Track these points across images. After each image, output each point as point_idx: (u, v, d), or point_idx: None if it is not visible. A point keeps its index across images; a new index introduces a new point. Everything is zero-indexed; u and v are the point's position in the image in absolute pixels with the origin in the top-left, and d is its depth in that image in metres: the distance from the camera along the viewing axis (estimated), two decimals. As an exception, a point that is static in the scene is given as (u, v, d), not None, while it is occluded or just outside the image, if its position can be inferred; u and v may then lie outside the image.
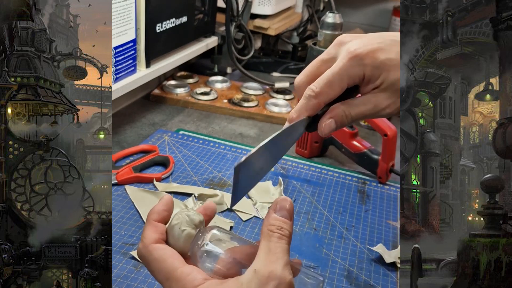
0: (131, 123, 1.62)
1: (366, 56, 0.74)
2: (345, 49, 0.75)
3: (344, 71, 0.74)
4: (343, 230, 1.21)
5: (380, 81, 0.75)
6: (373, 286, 1.05)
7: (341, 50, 0.76)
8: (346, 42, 0.76)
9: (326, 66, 0.77)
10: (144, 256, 0.65)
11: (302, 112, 0.75)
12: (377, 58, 0.74)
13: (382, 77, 0.75)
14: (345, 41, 0.77)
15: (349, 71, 0.74)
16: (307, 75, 0.79)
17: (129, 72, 1.55)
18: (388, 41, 0.75)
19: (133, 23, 1.52)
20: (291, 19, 2.30)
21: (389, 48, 0.75)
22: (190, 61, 1.92)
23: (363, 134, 1.63)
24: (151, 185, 1.29)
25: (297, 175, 1.43)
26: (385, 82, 0.75)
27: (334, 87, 0.74)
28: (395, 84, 0.76)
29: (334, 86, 0.74)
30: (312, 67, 0.79)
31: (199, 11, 1.83)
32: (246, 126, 1.71)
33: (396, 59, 0.75)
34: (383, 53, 0.74)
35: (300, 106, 0.76)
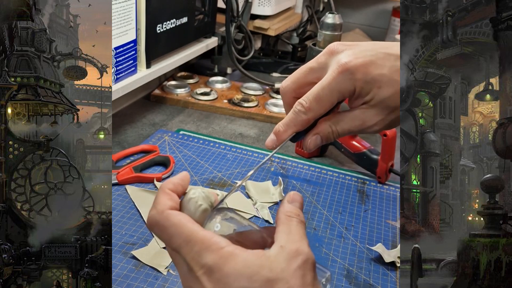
0: (131, 123, 1.62)
1: (357, 70, 0.72)
2: (336, 61, 0.73)
3: (335, 85, 0.72)
4: (342, 230, 1.22)
5: (370, 97, 0.73)
6: (373, 285, 1.05)
7: (332, 61, 0.74)
8: (338, 53, 0.74)
9: (314, 75, 0.75)
10: (159, 222, 0.62)
11: (290, 127, 0.74)
12: (368, 73, 0.72)
13: (372, 93, 0.73)
14: (337, 51, 0.74)
15: (339, 86, 0.72)
16: (293, 81, 0.77)
17: (129, 72, 1.56)
18: (381, 54, 0.73)
19: (133, 24, 1.52)
20: (291, 19, 2.31)
21: (381, 62, 0.72)
22: (190, 62, 1.93)
23: (363, 134, 1.63)
24: (152, 185, 1.29)
25: (297, 175, 1.44)
26: (375, 99, 0.73)
27: (323, 103, 0.73)
28: (385, 101, 0.73)
29: (324, 101, 0.73)
30: (300, 74, 0.77)
31: (199, 12, 1.84)
32: (246, 126, 1.71)
33: (388, 75, 0.72)
34: (375, 67, 0.72)
35: (288, 120, 0.74)
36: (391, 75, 0.72)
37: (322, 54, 0.76)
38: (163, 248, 1.06)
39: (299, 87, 0.76)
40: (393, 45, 0.75)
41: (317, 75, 0.74)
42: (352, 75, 0.72)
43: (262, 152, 1.53)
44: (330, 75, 0.72)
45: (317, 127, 0.75)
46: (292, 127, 0.74)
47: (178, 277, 0.99)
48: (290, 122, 0.74)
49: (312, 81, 0.75)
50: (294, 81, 0.77)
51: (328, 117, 0.75)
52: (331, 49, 0.75)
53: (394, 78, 0.73)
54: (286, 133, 0.74)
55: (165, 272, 1.00)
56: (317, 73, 0.75)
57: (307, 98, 0.73)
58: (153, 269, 1.01)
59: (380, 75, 0.72)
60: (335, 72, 0.72)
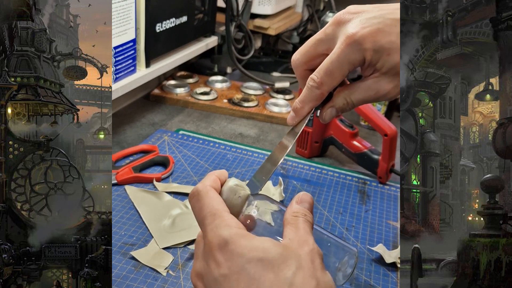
0: (131, 123, 1.62)
1: (365, 39, 0.72)
2: (344, 32, 0.73)
3: (344, 58, 0.73)
4: (343, 230, 1.21)
5: (380, 64, 0.74)
6: (373, 286, 1.05)
7: (339, 31, 0.74)
8: (345, 23, 0.74)
9: (323, 47, 0.76)
10: (200, 192, 0.66)
11: (306, 103, 0.75)
12: (377, 42, 0.72)
13: (383, 61, 0.73)
14: (343, 20, 0.74)
15: (348, 57, 0.73)
16: (303, 54, 0.78)
17: (129, 72, 1.55)
18: (388, 20, 0.73)
19: (133, 23, 1.52)
20: (291, 18, 2.30)
21: (389, 29, 0.73)
22: (190, 61, 1.92)
23: (363, 134, 1.63)
24: (151, 185, 1.29)
25: (297, 175, 1.43)
26: (386, 66, 0.74)
27: (335, 76, 0.74)
28: (396, 67, 0.74)
29: (335, 74, 0.73)
30: (309, 46, 0.77)
31: (199, 11, 1.83)
32: (246, 126, 1.71)
33: (396, 42, 0.73)
34: (384, 35, 0.72)
35: (304, 96, 0.76)
36: (398, 41, 0.73)
37: (329, 24, 0.76)
38: (163, 248, 1.06)
39: (310, 60, 0.77)
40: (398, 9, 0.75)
41: (327, 46, 0.75)
42: (360, 46, 0.72)
43: (262, 152, 1.52)
44: (338, 48, 0.73)
45: (332, 100, 0.77)
46: (307, 102, 0.75)
47: (177, 277, 0.99)
48: (305, 98, 0.75)
49: (322, 53, 0.76)
50: (304, 54, 0.78)
51: (343, 88, 0.76)
52: (338, 19, 0.75)
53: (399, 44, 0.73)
54: (303, 109, 0.76)
55: (164, 273, 1.00)
56: (326, 44, 0.75)
57: (318, 73, 0.74)
58: (153, 269, 1.01)
59: (388, 43, 0.72)
60: (343, 44, 0.72)
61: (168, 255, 1.04)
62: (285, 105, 1.80)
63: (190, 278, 0.67)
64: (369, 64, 0.74)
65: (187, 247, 1.07)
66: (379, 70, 0.74)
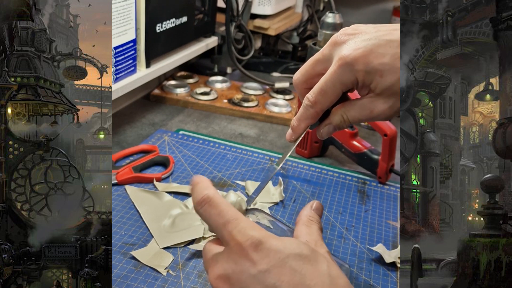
0: (131, 123, 1.62)
1: (357, 61, 0.73)
2: (338, 53, 0.75)
3: (336, 79, 0.75)
4: (343, 230, 1.21)
5: (374, 85, 0.75)
6: (373, 286, 1.05)
7: (335, 52, 0.76)
8: (340, 44, 0.76)
9: (321, 67, 0.78)
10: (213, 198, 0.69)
11: (302, 121, 0.79)
12: (369, 63, 0.73)
13: (376, 82, 0.74)
14: (339, 42, 0.76)
15: (341, 78, 0.75)
16: (302, 74, 0.81)
17: (129, 72, 1.55)
18: (383, 41, 0.73)
19: (133, 23, 1.52)
20: (291, 19, 2.30)
21: (383, 50, 0.73)
22: (190, 61, 1.92)
23: (363, 134, 1.63)
24: (151, 185, 1.29)
25: (297, 175, 1.43)
26: (379, 87, 0.74)
27: (328, 95, 0.76)
28: (391, 89, 0.74)
29: (328, 94, 0.76)
30: (308, 66, 0.80)
31: (199, 11, 1.84)
32: (246, 126, 1.71)
33: (390, 63, 0.73)
34: (376, 57, 0.73)
35: (300, 115, 0.79)
36: (393, 63, 0.73)
37: (326, 45, 0.78)
38: (163, 248, 1.06)
39: (309, 79, 0.80)
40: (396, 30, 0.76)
41: (324, 66, 0.77)
42: (352, 67, 0.74)
43: (262, 152, 1.52)
44: (331, 69, 0.75)
45: (330, 117, 0.79)
46: (303, 120, 0.79)
47: (177, 277, 0.99)
48: (301, 117, 0.79)
49: (320, 72, 0.78)
50: (303, 74, 0.81)
51: (341, 105, 0.79)
52: (334, 40, 0.77)
53: (396, 65, 0.74)
54: (300, 127, 0.79)
55: (164, 273, 1.00)
56: (324, 64, 0.77)
57: (313, 92, 0.76)
58: (153, 269, 1.01)
59: (381, 64, 0.73)
60: (335, 65, 0.75)
61: (168, 255, 1.04)
62: (285, 105, 1.80)
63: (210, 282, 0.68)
64: (363, 85, 0.76)
65: (187, 247, 1.07)
66: (373, 91, 0.76)
